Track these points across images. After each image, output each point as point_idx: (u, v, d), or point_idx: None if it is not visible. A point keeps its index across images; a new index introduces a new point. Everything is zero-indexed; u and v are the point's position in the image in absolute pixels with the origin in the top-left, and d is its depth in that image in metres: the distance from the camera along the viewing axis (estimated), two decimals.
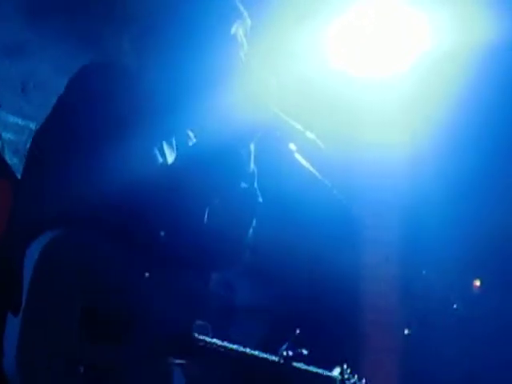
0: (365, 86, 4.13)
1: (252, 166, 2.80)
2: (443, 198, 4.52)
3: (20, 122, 4.18)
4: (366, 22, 3.86)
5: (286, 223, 4.45)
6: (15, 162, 4.03)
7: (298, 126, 3.42)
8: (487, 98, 4.04)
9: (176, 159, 2.53)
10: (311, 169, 3.45)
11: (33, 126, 4.13)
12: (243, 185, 2.64)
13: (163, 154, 2.52)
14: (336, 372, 3.02)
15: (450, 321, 4.92)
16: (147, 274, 2.33)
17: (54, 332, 2.10)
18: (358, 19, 3.86)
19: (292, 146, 3.43)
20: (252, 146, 2.73)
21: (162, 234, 2.42)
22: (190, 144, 2.76)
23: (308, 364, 3.24)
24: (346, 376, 3.01)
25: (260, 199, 2.75)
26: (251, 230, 2.78)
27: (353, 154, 4.35)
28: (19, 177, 3.76)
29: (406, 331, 4.76)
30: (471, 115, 4.13)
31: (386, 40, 3.87)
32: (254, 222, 2.81)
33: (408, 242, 4.65)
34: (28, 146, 3.97)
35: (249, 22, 2.64)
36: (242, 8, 2.58)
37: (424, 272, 4.84)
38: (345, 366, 3.05)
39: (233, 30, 2.57)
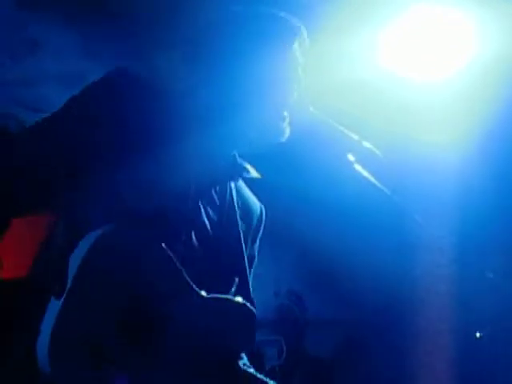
0: (417, 88, 4.21)
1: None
2: (498, 197, 4.61)
3: None
4: (418, 27, 3.96)
5: (348, 234, 4.58)
6: None
7: (355, 136, 3.49)
8: None
9: None
10: (371, 178, 3.49)
11: None
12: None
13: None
14: None
15: None
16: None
17: (89, 322, 2.14)
18: (410, 24, 3.96)
19: (350, 157, 3.49)
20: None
21: None
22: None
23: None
24: None
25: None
26: None
27: (406, 153, 4.38)
28: None
29: (478, 334, 4.74)
30: None
31: (437, 43, 3.97)
32: None
33: (469, 245, 4.66)
34: None
35: (305, 36, 2.72)
36: (297, 24, 2.66)
37: (491, 275, 4.83)
38: None
39: (289, 50, 2.67)
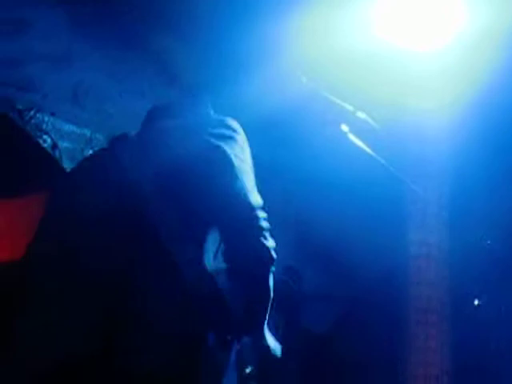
0: (409, 58, 4.38)
1: None
2: (491, 162, 4.76)
3: (75, 129, 4.25)
4: (402, 2, 4.09)
5: (343, 206, 4.64)
6: None
7: (349, 107, 3.54)
8: None
9: None
10: (365, 148, 3.52)
11: (88, 132, 4.23)
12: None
13: None
14: None
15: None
16: None
17: None
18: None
19: (344, 128, 3.53)
20: None
21: None
22: None
23: None
24: None
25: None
26: None
27: (399, 121, 4.59)
28: None
29: (476, 302, 4.79)
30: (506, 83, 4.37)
31: (429, 16, 4.10)
32: None
33: (465, 212, 4.73)
34: (85, 152, 4.13)
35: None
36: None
37: (488, 242, 4.89)
38: None
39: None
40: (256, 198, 2.58)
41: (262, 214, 2.50)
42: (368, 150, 3.56)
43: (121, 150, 2.60)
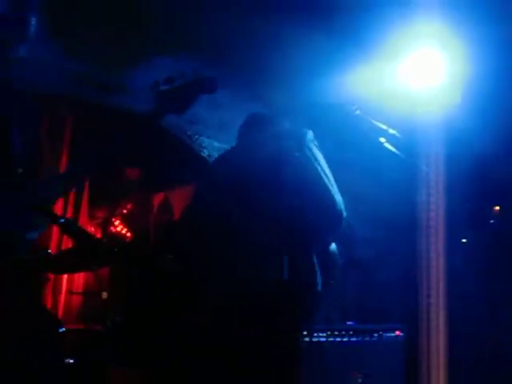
0: (418, 92, 5.34)
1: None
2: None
3: (221, 145, 5.55)
4: (419, 59, 5.28)
5: (377, 182, 5.91)
6: None
7: (384, 126, 5.22)
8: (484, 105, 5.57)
9: None
10: (395, 151, 5.29)
11: (227, 146, 5.41)
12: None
13: None
14: None
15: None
16: None
17: None
18: (415, 58, 5.29)
19: (382, 139, 5.26)
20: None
21: None
22: None
23: None
24: None
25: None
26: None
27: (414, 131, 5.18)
28: None
29: (464, 240, 6.17)
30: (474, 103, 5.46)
31: (429, 67, 5.27)
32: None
33: (452, 186, 5.22)
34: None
35: None
36: None
37: (469, 206, 6.05)
38: None
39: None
40: (339, 198, 3.67)
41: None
42: (395, 151, 5.12)
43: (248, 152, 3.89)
